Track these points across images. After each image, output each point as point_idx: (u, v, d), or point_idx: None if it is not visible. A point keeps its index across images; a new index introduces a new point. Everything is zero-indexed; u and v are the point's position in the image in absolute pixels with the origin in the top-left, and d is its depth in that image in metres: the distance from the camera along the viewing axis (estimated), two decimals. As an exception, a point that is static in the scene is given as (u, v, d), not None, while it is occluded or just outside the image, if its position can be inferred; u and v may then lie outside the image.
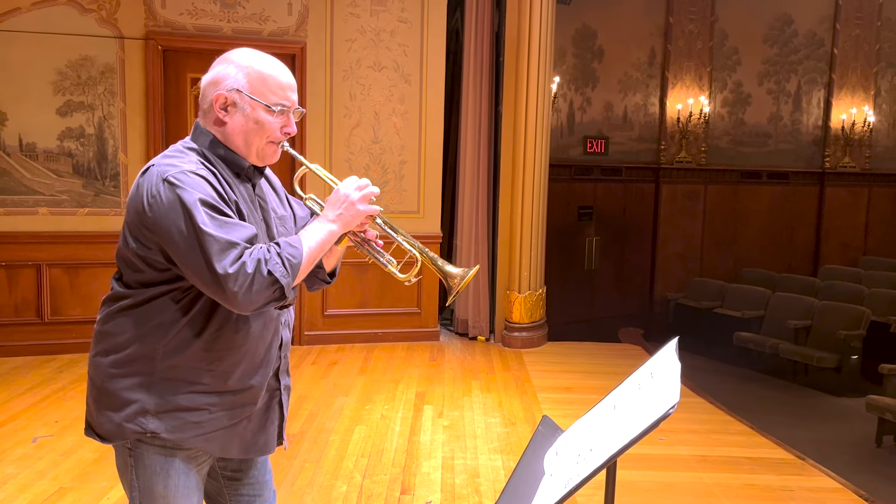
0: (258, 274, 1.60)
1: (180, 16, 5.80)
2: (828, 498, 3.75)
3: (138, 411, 1.70)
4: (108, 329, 1.74)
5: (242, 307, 1.63)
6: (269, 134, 1.76)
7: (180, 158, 1.69)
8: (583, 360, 6.26)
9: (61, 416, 4.43)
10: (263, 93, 1.74)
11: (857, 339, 7.16)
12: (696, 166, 9.53)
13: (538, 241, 6.52)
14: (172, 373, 1.70)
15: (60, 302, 5.70)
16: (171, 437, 1.72)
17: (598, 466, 1.56)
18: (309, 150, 6.05)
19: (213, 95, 1.74)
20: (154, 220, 1.62)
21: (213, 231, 1.58)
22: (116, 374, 1.71)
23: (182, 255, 1.60)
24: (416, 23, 6.25)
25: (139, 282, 1.71)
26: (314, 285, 2.02)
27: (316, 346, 6.17)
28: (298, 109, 1.82)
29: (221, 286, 1.58)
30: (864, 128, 9.92)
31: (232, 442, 1.82)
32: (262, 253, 1.63)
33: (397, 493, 3.59)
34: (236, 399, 1.78)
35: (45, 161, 5.65)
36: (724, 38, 9.57)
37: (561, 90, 8.54)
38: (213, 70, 1.77)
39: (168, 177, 1.62)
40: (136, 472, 1.76)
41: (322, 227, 1.77)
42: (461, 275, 1.85)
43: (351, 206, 1.78)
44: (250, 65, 1.75)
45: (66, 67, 5.62)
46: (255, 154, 1.78)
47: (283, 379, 1.92)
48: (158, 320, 1.69)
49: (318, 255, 1.77)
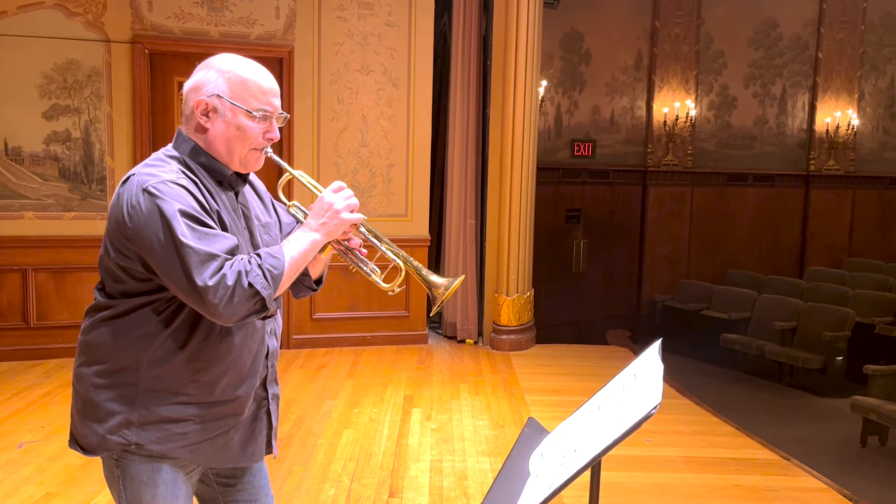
0: (238, 286, 1.58)
1: (167, 19, 5.78)
2: (813, 498, 3.79)
3: (122, 423, 1.69)
4: (91, 339, 1.73)
5: (224, 319, 1.61)
6: (251, 140, 1.75)
7: (160, 168, 1.67)
8: (571, 362, 6.28)
9: (48, 421, 4.40)
10: (245, 98, 1.72)
11: (842, 341, 7.23)
12: (682, 169, 9.59)
13: (526, 244, 6.54)
14: (157, 384, 1.69)
15: (46, 306, 5.67)
16: (156, 448, 1.71)
17: (581, 467, 1.57)
18: (297, 154, 6.05)
19: (194, 101, 1.72)
20: (134, 231, 1.60)
21: (192, 243, 1.57)
22: (100, 385, 1.70)
23: (162, 266, 1.59)
24: (403, 26, 6.27)
25: (121, 292, 1.70)
26: (300, 293, 2.01)
27: (304, 350, 6.16)
28: (282, 115, 1.80)
29: (202, 298, 1.57)
30: (848, 131, 10.01)
31: (219, 452, 1.80)
32: (243, 265, 1.61)
33: (385, 497, 3.60)
34: (222, 410, 1.77)
35: (30, 165, 5.62)
36: (710, 42, 9.65)
37: (548, 93, 8.59)
38: (195, 76, 1.76)
39: (148, 187, 1.60)
40: (123, 483, 1.75)
41: (305, 237, 1.75)
42: (445, 285, 1.83)
43: (335, 215, 1.77)
44: (231, 70, 1.73)
45: (52, 71, 5.60)
46: (238, 161, 1.76)
47: (271, 388, 1.90)
48: (142, 331, 1.68)
49: (301, 265, 1.75)
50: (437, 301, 1.83)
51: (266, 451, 1.93)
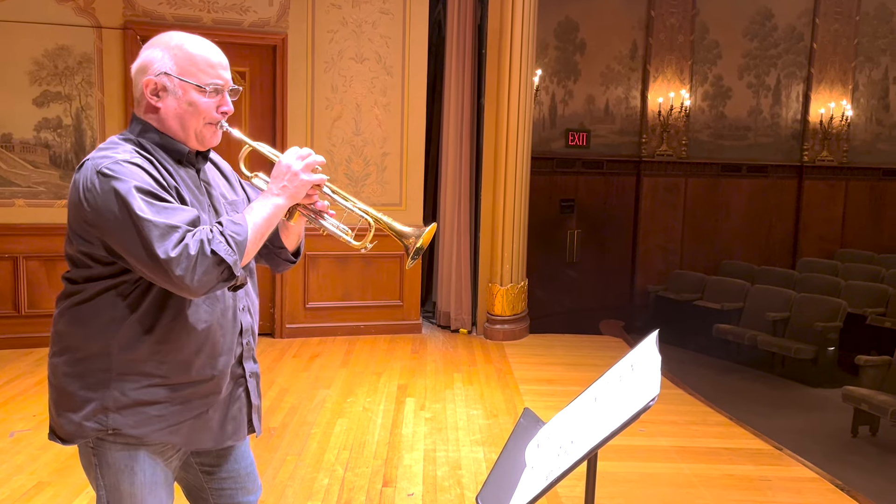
0: (202, 255, 1.56)
1: (159, 5, 5.73)
2: (804, 487, 3.81)
3: (97, 409, 1.68)
4: (61, 328, 1.72)
5: (192, 291, 1.58)
6: (204, 115, 1.72)
7: (114, 150, 1.65)
8: (564, 352, 6.29)
9: (39, 409, 4.38)
10: (193, 73, 1.70)
11: (834, 331, 7.25)
12: (676, 159, 9.59)
13: (520, 234, 6.53)
14: (129, 367, 1.68)
15: (37, 294, 5.63)
16: (134, 432, 1.69)
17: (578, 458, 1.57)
18: (290, 142, 6.01)
19: (143, 82, 1.71)
20: (92, 214, 1.59)
21: (150, 217, 1.55)
22: (72, 374, 1.69)
23: (123, 244, 1.58)
24: (398, 14, 6.22)
25: (86, 277, 1.68)
26: (279, 266, 1.99)
27: (298, 339, 6.15)
28: (234, 87, 1.77)
29: (166, 271, 1.54)
30: (842, 122, 10.02)
31: (198, 433, 1.79)
32: (205, 233, 1.59)
33: (379, 486, 3.60)
34: (198, 390, 1.75)
35: (21, 152, 5.57)
36: (706, 32, 9.62)
37: (543, 83, 8.56)
38: (141, 56, 1.73)
39: (101, 168, 1.58)
40: (100, 471, 1.74)
41: (267, 202, 1.72)
42: (416, 234, 1.80)
43: (294, 176, 1.73)
44: (177, 46, 1.71)
45: (42, 57, 5.54)
46: (194, 137, 1.74)
47: (248, 365, 1.88)
48: (109, 315, 1.66)
49: (266, 230, 1.72)
50: (412, 249, 1.80)
51: (248, 430, 1.91)
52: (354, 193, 6.12)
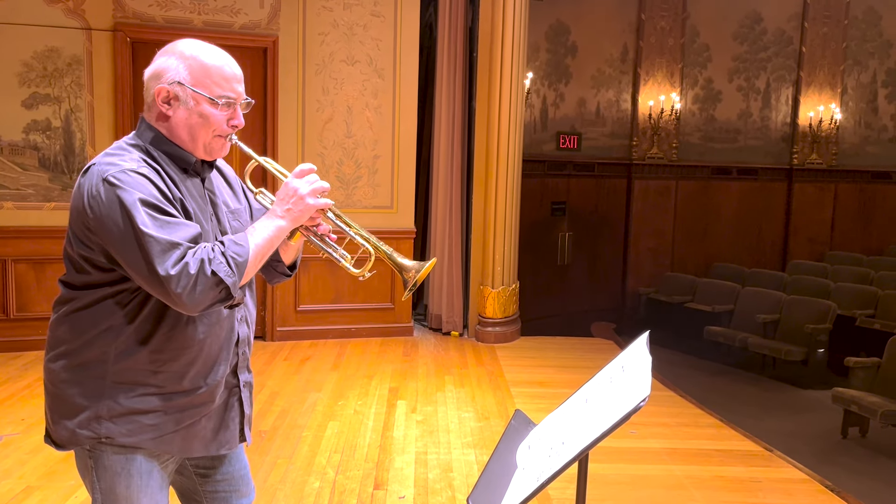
0: (202, 274, 1.55)
1: (149, 7, 5.71)
2: (795, 489, 3.82)
3: (91, 417, 1.67)
4: (59, 334, 1.70)
5: (188, 308, 1.58)
6: (215, 127, 1.71)
7: (121, 157, 1.64)
8: (555, 354, 6.29)
9: (28, 413, 4.35)
10: (207, 85, 1.68)
11: (824, 333, 7.28)
12: (667, 162, 9.62)
13: (511, 237, 6.54)
14: (125, 376, 1.67)
15: (26, 298, 5.60)
16: (127, 440, 1.69)
17: (569, 460, 1.57)
18: (281, 145, 6.00)
19: (156, 89, 1.69)
20: (95, 221, 1.58)
21: (153, 232, 1.54)
22: (67, 380, 1.68)
23: (124, 256, 1.57)
24: (389, 17, 6.23)
25: (84, 283, 1.67)
26: (274, 279, 1.99)
27: (289, 342, 6.13)
28: (246, 100, 1.76)
29: (165, 288, 1.54)
30: (831, 125, 10.09)
31: (191, 441, 1.78)
32: (206, 253, 1.58)
33: (370, 489, 3.59)
34: (192, 399, 1.75)
35: (9, 154, 5.54)
36: (696, 35, 9.67)
37: (534, 86, 8.57)
38: (155, 62, 1.71)
39: (108, 176, 1.57)
40: (96, 474, 1.73)
41: (270, 224, 1.71)
42: (416, 268, 1.80)
43: (300, 200, 1.72)
44: (193, 56, 1.69)
45: (31, 59, 5.51)
46: (202, 148, 1.73)
47: (243, 375, 1.88)
48: (108, 323, 1.65)
49: (267, 252, 1.71)
50: (409, 284, 1.80)
51: (239, 439, 1.91)
52: (346, 196, 6.10)
